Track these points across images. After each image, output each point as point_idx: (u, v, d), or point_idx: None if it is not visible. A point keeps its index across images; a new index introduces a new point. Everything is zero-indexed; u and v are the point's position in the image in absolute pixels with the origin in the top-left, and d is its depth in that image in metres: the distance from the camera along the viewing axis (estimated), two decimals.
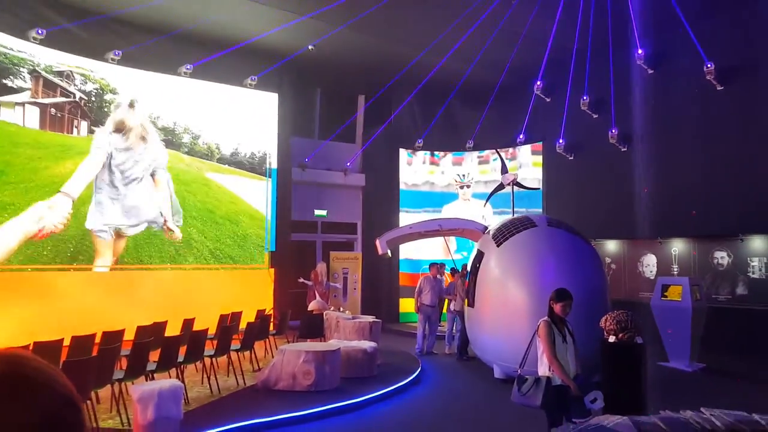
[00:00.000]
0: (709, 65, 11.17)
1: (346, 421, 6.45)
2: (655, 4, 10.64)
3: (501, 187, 14.79)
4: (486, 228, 10.61)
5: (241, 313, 9.86)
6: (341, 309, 11.97)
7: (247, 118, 13.60)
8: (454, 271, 11.60)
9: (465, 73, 13.28)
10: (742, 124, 10.98)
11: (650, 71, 12.40)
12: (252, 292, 12.62)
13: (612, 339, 5.62)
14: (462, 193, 15.89)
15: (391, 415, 6.82)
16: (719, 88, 11.34)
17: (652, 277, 12.04)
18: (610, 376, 5.32)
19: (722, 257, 11.77)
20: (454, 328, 10.92)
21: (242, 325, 9.16)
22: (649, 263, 12.98)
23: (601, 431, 3.29)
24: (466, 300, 9.66)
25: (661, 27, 11.51)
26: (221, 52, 11.89)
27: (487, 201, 14.71)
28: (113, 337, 7.28)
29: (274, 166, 13.88)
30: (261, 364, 8.73)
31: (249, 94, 13.47)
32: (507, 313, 8.00)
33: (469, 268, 9.90)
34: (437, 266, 11.14)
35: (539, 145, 15.15)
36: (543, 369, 4.63)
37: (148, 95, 12.27)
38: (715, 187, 11.22)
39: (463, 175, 15.89)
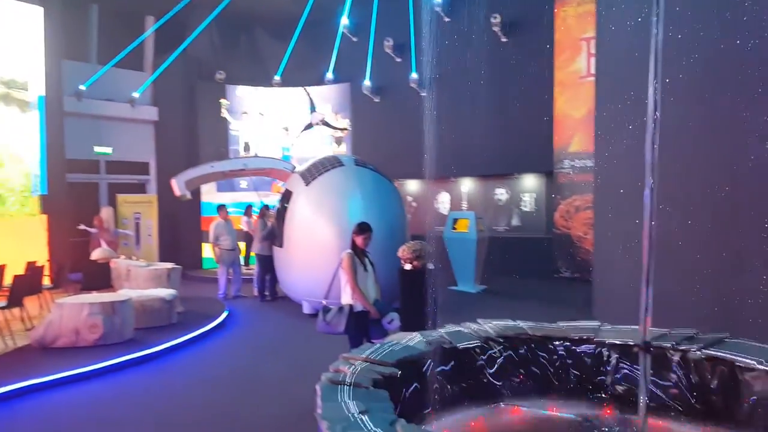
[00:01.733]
0: (495, 17, 12.17)
1: (142, 372, 5.98)
2: None
3: (310, 126, 14.67)
4: (294, 168, 10.47)
5: (4, 266, 8.35)
6: (133, 257, 10.90)
7: (2, 34, 11.13)
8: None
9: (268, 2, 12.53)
10: (520, 74, 12.27)
11: (446, 19, 13.11)
12: (18, 242, 10.74)
13: (408, 267, 6.00)
14: (286, 131, 15.30)
15: (193, 360, 6.48)
16: (504, 39, 12.49)
17: (446, 213, 13.18)
18: (406, 299, 5.71)
19: (501, 193, 13.39)
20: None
21: (7, 280, 7.79)
22: (444, 200, 14.21)
23: (393, 346, 3.47)
24: (270, 242, 9.57)
25: None
26: None
27: (295, 141, 14.50)
28: None
29: (41, 93, 11.69)
30: (35, 321, 7.57)
31: (2, 4, 10.99)
32: (316, 250, 8.07)
33: (278, 208, 9.71)
34: (226, 209, 10.64)
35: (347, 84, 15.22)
36: (346, 298, 4.76)
37: None
38: (497, 131, 12.50)
39: (292, 114, 15.28)
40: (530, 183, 13.00)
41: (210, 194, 14.28)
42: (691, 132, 5.05)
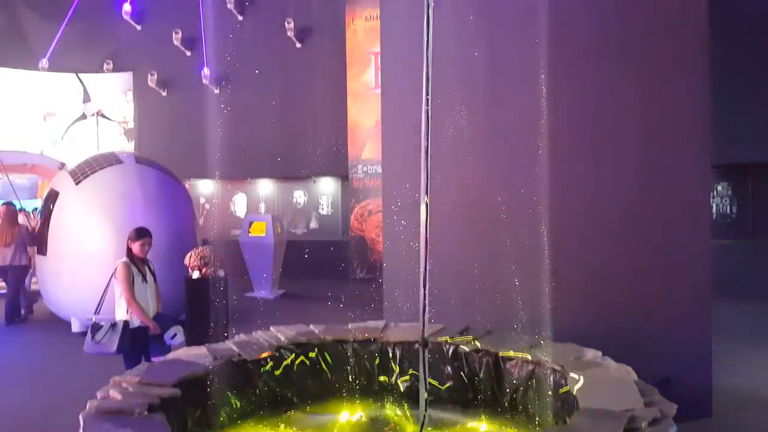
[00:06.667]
0: (289, 22, 12.16)
1: None
2: None
3: (84, 117, 13.00)
4: (63, 164, 9.18)
5: None
6: None
7: None
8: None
9: None
10: (317, 80, 12.44)
11: (240, 17, 12.72)
12: None
13: (196, 275, 5.62)
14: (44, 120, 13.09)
15: None
16: (298, 45, 12.56)
17: (243, 216, 12.76)
18: (193, 310, 5.33)
19: (300, 196, 13.45)
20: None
21: None
22: (240, 202, 13.76)
23: (173, 364, 3.17)
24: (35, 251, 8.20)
25: None
26: None
27: (64, 134, 12.68)
28: None
29: None
30: None
31: None
32: (88, 259, 7.18)
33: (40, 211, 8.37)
34: None
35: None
36: (121, 312, 4.24)
37: None
38: (294, 133, 12.52)
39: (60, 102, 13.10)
40: (327, 187, 13.29)
41: None
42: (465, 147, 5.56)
